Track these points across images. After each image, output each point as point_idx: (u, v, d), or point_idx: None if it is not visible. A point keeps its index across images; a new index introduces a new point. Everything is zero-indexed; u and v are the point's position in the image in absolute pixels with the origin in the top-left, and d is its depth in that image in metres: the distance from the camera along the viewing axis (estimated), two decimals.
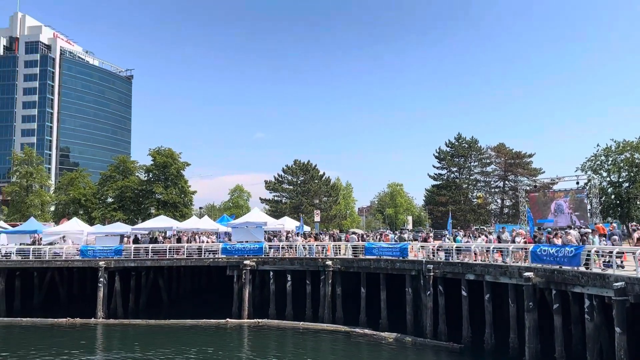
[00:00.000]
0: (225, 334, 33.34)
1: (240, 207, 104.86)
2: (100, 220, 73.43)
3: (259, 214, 46.91)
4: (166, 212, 72.31)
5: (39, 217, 73.68)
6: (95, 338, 33.58)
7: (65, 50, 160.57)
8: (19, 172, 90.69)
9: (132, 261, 39.42)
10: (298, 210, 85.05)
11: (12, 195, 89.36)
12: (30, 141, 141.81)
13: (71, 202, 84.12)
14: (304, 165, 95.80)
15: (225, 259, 38.46)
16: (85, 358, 27.70)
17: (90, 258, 39.58)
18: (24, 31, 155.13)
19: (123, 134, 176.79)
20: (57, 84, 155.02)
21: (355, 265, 35.07)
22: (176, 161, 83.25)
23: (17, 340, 32.78)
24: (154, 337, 32.73)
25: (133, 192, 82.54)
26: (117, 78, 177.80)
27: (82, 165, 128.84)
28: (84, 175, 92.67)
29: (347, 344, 29.91)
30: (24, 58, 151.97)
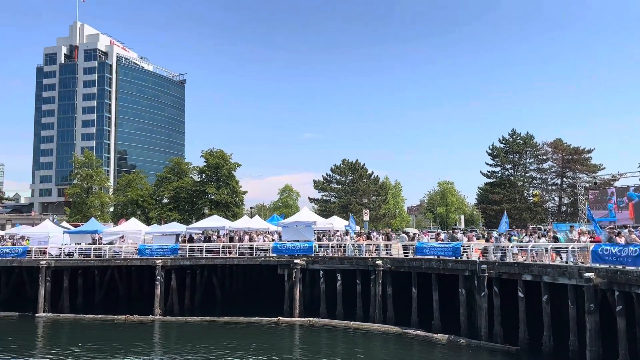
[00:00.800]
0: (278, 332, 33.75)
1: (290, 207, 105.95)
2: (157, 220, 76.04)
3: (308, 214, 47.18)
4: (219, 212, 74.09)
5: (99, 218, 77.10)
6: (153, 334, 34.79)
7: (122, 57, 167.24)
8: (80, 174, 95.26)
9: (187, 260, 40.55)
10: (347, 209, 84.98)
11: (74, 197, 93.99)
12: (90, 145, 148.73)
13: (129, 202, 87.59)
14: (352, 165, 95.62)
15: (276, 257, 38.92)
16: (145, 354, 28.75)
17: (148, 257, 40.98)
18: (83, 39, 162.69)
19: (177, 136, 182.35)
20: (114, 90, 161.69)
21: (406, 265, 34.65)
22: (227, 162, 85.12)
23: (81, 335, 34.44)
24: (209, 333, 33.56)
25: (187, 193, 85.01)
26: (170, 82, 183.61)
27: (139, 167, 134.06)
28: (141, 177, 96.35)
29: (399, 345, 29.61)
30: (83, 65, 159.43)
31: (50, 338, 34.38)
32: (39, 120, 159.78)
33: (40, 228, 49.07)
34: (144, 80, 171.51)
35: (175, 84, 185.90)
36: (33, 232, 48.23)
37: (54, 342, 32.55)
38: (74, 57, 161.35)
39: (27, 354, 29.09)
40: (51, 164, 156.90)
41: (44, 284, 40.76)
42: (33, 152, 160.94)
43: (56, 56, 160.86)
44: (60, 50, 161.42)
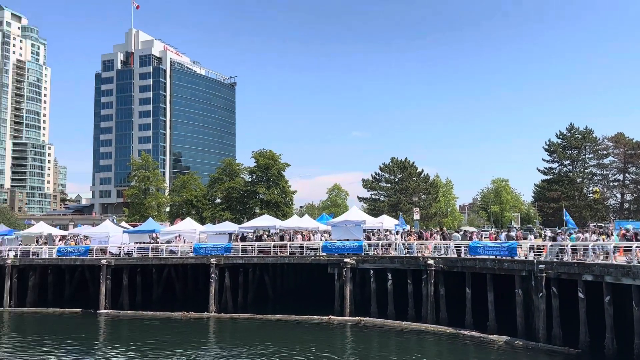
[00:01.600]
0: (329, 331, 33.83)
1: (338, 206, 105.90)
2: (210, 219, 77.94)
3: (357, 213, 47.04)
4: (269, 212, 75.08)
5: (155, 218, 79.82)
6: (208, 331, 35.70)
7: (175, 62, 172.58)
8: (137, 176, 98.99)
9: (240, 258, 41.34)
10: (396, 208, 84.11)
11: (132, 198, 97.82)
12: (147, 148, 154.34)
13: (184, 203, 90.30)
14: (401, 163, 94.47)
15: (326, 256, 39.02)
16: (201, 350, 29.52)
17: (203, 255, 42.06)
18: (138, 46, 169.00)
19: (228, 138, 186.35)
20: (168, 94, 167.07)
21: (459, 265, 33.91)
22: (277, 162, 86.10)
23: (140, 332, 35.81)
24: (262, 331, 34.09)
25: (239, 193, 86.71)
26: (222, 85, 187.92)
27: (193, 168, 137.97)
28: (195, 178, 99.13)
29: (453, 346, 29.03)
30: (138, 71, 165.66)
31: (112, 334, 35.90)
32: (98, 125, 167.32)
33: (101, 228, 51.29)
34: (196, 84, 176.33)
35: (226, 87, 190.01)
36: (94, 232, 50.51)
37: (115, 338, 34.00)
38: (130, 63, 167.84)
39: (91, 349, 30.50)
40: (110, 166, 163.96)
41: (105, 281, 42.60)
42: (93, 155, 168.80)
43: (113, 63, 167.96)
44: (117, 56, 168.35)
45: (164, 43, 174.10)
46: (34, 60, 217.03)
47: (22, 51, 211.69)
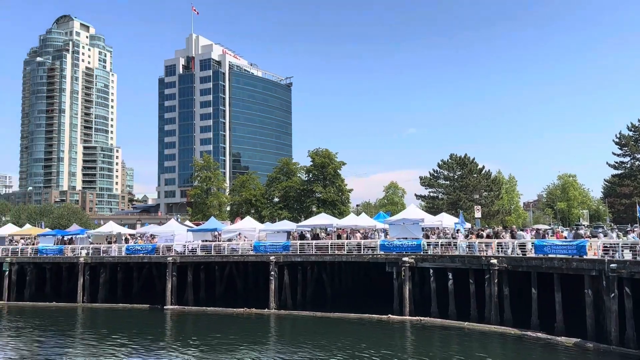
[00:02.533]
0: (388, 330, 33.57)
1: (395, 204, 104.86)
2: (269, 218, 79.30)
3: (415, 211, 46.34)
4: (326, 210, 75.47)
5: (217, 217, 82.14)
6: (269, 327, 36.32)
7: (233, 65, 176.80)
8: (199, 177, 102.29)
9: (298, 256, 41.81)
10: (456, 206, 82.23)
11: (195, 198, 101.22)
12: (208, 149, 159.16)
13: (244, 202, 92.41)
14: (460, 159, 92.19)
15: (384, 255, 38.73)
16: (263, 346, 30.08)
17: (262, 253, 42.88)
18: (198, 50, 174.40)
19: (285, 137, 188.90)
20: (227, 96, 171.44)
21: (524, 264, 32.69)
22: (333, 161, 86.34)
23: (204, 327, 36.98)
24: (321, 328, 34.32)
25: (296, 192, 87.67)
26: (278, 86, 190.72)
27: (251, 168, 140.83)
28: (254, 177, 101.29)
29: (519, 348, 28.04)
30: (199, 75, 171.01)
31: (178, 329, 37.32)
32: (163, 128, 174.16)
33: (166, 227, 53.33)
34: (253, 85, 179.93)
35: (283, 88, 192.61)
36: (160, 231, 52.58)
37: (180, 333, 35.34)
38: (191, 68, 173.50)
39: (159, 344, 31.83)
40: (174, 167, 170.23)
41: (171, 278, 44.25)
42: (158, 157, 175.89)
43: (175, 67, 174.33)
44: (179, 61, 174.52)
45: (223, 47, 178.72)
46: (101, 67, 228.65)
47: (90, 59, 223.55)
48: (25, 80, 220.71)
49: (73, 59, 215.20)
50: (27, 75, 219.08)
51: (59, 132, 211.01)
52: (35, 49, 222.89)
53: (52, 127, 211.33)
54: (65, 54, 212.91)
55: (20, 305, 47.49)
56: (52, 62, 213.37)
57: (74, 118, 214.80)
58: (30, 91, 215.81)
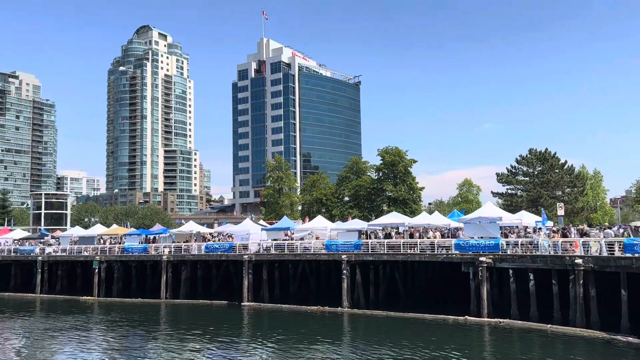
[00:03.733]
0: (465, 332, 32.63)
1: (470, 202, 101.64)
2: (340, 217, 79.57)
3: (492, 209, 44.66)
4: (397, 209, 74.57)
5: (289, 216, 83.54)
6: (343, 326, 36.46)
7: (302, 66, 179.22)
8: (272, 177, 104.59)
9: (370, 255, 41.64)
10: (536, 203, 78.36)
11: (268, 198, 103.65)
12: (279, 150, 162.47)
13: (314, 201, 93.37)
14: (540, 154, 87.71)
15: (459, 255, 37.67)
16: (337, 344, 30.23)
17: (334, 252, 43.12)
18: (269, 54, 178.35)
19: (354, 137, 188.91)
20: (297, 97, 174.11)
21: (612, 264, 30.63)
22: (403, 159, 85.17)
23: (280, 324, 37.69)
24: (395, 328, 33.99)
25: (366, 191, 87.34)
26: (346, 86, 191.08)
27: (321, 168, 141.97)
28: (324, 177, 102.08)
29: (608, 353, 26.34)
30: (270, 78, 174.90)
31: (255, 325, 38.37)
32: (236, 131, 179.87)
33: (242, 226, 54.98)
34: (322, 86, 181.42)
35: (351, 87, 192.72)
36: (236, 230, 54.30)
37: (258, 329, 36.30)
38: (262, 71, 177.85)
39: (239, 339, 32.90)
40: (248, 168, 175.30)
41: (247, 276, 45.58)
42: (232, 159, 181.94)
43: (247, 72, 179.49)
44: (251, 66, 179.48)
45: (292, 49, 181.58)
46: (179, 74, 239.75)
47: (168, 67, 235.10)
48: (110, 88, 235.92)
49: (153, 67, 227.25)
50: (111, 84, 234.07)
51: (142, 137, 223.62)
52: (118, 59, 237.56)
53: (135, 133, 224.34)
54: (146, 63, 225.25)
55: (109, 301, 50.75)
56: (133, 71, 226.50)
57: (154, 123, 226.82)
58: (114, 99, 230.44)
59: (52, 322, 40.07)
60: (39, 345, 32.24)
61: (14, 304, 50.85)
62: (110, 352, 30.12)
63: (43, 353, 30.34)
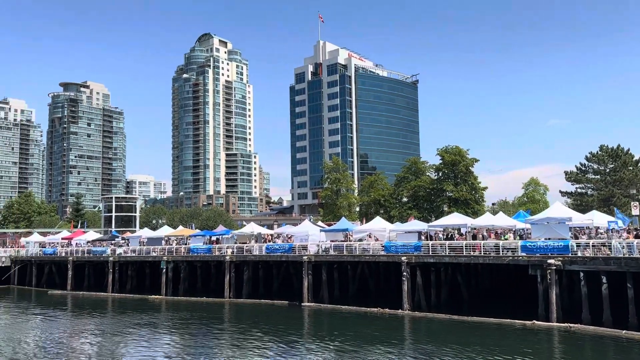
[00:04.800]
0: (533, 337, 31.32)
1: (537, 202, 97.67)
2: (398, 218, 78.71)
3: (561, 209, 42.64)
4: (458, 209, 72.86)
5: (347, 217, 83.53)
6: (404, 329, 36.01)
7: (359, 67, 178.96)
8: (329, 178, 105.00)
9: (430, 257, 40.91)
10: (609, 202, 74.28)
11: (326, 199, 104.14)
12: (336, 151, 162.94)
13: (372, 202, 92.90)
14: (612, 151, 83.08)
15: (526, 257, 36.25)
16: (397, 347, 29.90)
17: (393, 253, 42.70)
18: (325, 56, 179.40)
19: (412, 136, 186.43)
20: (353, 98, 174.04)
21: None
22: (464, 158, 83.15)
23: (340, 325, 37.76)
24: (458, 332, 33.19)
25: (425, 191, 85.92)
26: (404, 85, 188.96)
27: (379, 168, 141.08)
28: (382, 178, 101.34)
29: None
30: (326, 80, 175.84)
31: (315, 325, 38.66)
32: (294, 133, 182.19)
33: (301, 227, 55.56)
34: (379, 86, 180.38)
35: (408, 86, 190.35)
36: (295, 231, 54.96)
37: (318, 329, 36.55)
38: (319, 74, 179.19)
39: (301, 339, 33.25)
40: (305, 170, 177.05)
41: (307, 276, 46.00)
42: (290, 161, 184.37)
43: (304, 75, 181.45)
44: (307, 69, 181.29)
45: (348, 50, 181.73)
46: (239, 79, 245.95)
47: (229, 72, 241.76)
48: (174, 95, 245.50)
49: (214, 73, 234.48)
50: (176, 91, 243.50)
51: (204, 141, 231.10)
52: (182, 67, 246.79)
53: (198, 137, 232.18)
54: (207, 70, 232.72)
55: (176, 299, 52.70)
56: (196, 78, 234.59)
57: (216, 128, 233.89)
58: (178, 105, 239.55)
59: (123, 320, 42.13)
60: (111, 342, 33.97)
61: (89, 303, 53.91)
62: (178, 349, 31.31)
63: (116, 350, 31.94)
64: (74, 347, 32.61)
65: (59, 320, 43.38)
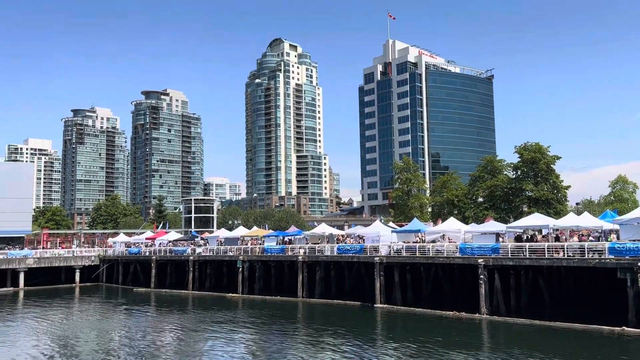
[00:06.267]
0: (622, 344, 29.31)
1: (625, 201, 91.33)
2: (474, 219, 76.26)
3: None
4: (539, 210, 69.50)
5: (419, 218, 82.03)
6: (481, 334, 34.85)
7: (429, 65, 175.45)
8: (400, 179, 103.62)
9: (509, 259, 39.27)
10: None
11: (396, 199, 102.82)
12: (406, 151, 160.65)
13: (445, 203, 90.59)
14: None
15: (614, 259, 33.92)
16: (475, 353, 28.96)
17: (469, 255, 41.40)
18: (394, 55, 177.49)
19: (487, 134, 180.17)
20: (424, 97, 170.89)
21: None
22: (545, 155, 79.15)
23: (414, 328, 37.24)
24: (540, 338, 31.66)
25: (502, 191, 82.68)
26: (477, 81, 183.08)
27: (452, 168, 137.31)
28: (455, 177, 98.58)
29: None
30: (396, 79, 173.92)
31: (388, 327, 38.33)
32: (363, 134, 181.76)
33: (372, 228, 55.30)
34: (451, 83, 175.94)
35: (483, 82, 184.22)
36: (366, 232, 54.80)
37: (392, 332, 36.19)
38: (388, 73, 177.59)
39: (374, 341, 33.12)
40: (375, 171, 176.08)
41: (379, 277, 45.70)
42: (360, 162, 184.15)
43: (373, 75, 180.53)
44: (377, 68, 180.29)
45: (419, 48, 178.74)
46: (308, 82, 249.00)
47: (299, 76, 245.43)
48: (247, 100, 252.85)
49: (285, 77, 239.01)
50: (249, 96, 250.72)
51: (276, 144, 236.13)
52: (254, 72, 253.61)
53: (270, 140, 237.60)
54: (278, 74, 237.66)
55: (251, 298, 54.24)
56: (267, 83, 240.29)
57: (287, 131, 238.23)
58: (251, 110, 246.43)
59: (203, 317, 43.95)
60: (192, 337, 35.52)
61: (170, 300, 56.69)
62: (255, 347, 32.21)
63: (195, 345, 33.34)
64: (158, 341, 34.42)
65: (144, 316, 46.04)
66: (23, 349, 32.20)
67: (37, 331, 38.63)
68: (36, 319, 43.83)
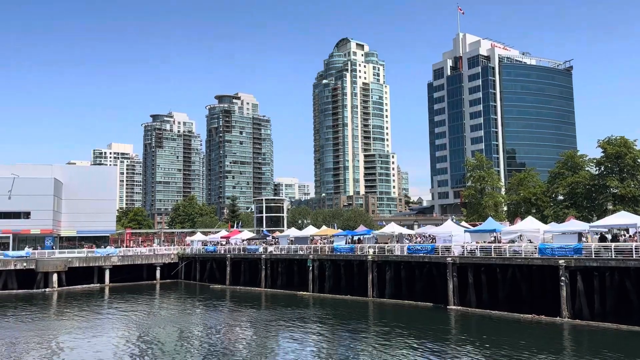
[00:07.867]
0: None
1: None
2: (554, 218, 72.57)
3: None
4: (625, 208, 64.93)
5: (494, 217, 79.08)
6: (562, 338, 33.12)
7: (503, 57, 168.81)
8: (472, 177, 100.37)
9: (593, 260, 36.97)
10: None
11: (469, 198, 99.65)
12: (479, 148, 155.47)
13: (522, 201, 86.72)
14: None
15: None
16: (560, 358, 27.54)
17: (549, 256, 39.40)
18: (465, 49, 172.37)
19: (567, 128, 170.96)
20: (498, 91, 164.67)
21: None
22: (631, 150, 73.92)
23: (490, 331, 35.95)
24: (628, 343, 29.70)
25: (584, 188, 78.08)
26: (555, 73, 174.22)
27: (528, 164, 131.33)
28: (532, 174, 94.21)
29: None
30: (467, 73, 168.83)
31: (462, 329, 37.28)
32: (433, 131, 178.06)
33: (444, 228, 53.96)
34: (526, 75, 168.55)
35: (561, 73, 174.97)
36: (438, 231, 53.59)
37: (467, 335, 35.13)
38: (459, 68, 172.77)
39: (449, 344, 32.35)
40: (446, 169, 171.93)
41: (452, 278, 44.55)
42: (430, 160, 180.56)
43: (443, 70, 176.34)
44: (446, 64, 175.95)
45: (491, 41, 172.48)
46: (375, 81, 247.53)
47: (365, 75, 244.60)
48: (315, 101, 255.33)
49: (352, 77, 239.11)
50: (316, 97, 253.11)
51: (343, 144, 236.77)
52: (321, 73, 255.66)
53: (338, 140, 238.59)
54: (345, 74, 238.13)
55: (322, 296, 54.69)
56: (335, 83, 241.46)
57: (354, 130, 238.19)
58: (319, 110, 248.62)
59: (276, 313, 44.90)
60: (265, 333, 36.34)
61: (245, 297, 58.40)
62: (326, 345, 32.44)
63: (267, 341, 34.09)
64: (234, 337, 35.57)
65: (221, 313, 47.79)
66: (113, 342, 34.43)
67: (126, 324, 41.29)
68: (124, 313, 46.84)
